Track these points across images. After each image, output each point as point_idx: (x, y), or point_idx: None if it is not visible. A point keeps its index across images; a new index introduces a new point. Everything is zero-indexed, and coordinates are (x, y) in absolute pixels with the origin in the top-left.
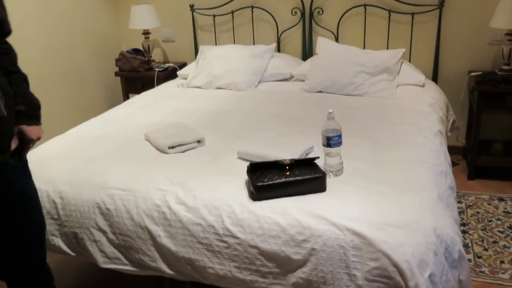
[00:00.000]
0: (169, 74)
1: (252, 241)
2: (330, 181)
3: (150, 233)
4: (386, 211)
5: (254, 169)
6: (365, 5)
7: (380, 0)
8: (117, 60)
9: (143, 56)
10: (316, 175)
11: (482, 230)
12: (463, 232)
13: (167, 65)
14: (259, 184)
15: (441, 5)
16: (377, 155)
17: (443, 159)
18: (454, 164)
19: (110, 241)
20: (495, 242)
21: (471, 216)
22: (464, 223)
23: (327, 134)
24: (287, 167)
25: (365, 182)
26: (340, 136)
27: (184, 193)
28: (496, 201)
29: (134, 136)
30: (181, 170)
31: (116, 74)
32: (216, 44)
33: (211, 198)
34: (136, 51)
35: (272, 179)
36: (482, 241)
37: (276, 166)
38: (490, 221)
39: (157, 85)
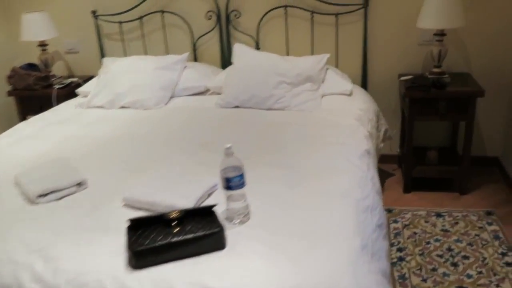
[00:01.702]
0: (73, 90)
1: None
2: (232, 232)
3: None
4: (295, 274)
5: (136, 226)
6: (285, 6)
7: (302, 0)
8: (9, 77)
9: (40, 72)
10: (210, 231)
11: (420, 255)
12: (400, 259)
13: (70, 80)
14: (139, 249)
15: (365, 4)
16: (291, 190)
17: (370, 188)
18: (389, 175)
19: None
20: (434, 269)
21: (408, 238)
22: (401, 247)
23: (226, 175)
24: (175, 222)
25: (273, 233)
26: (242, 176)
27: (44, 265)
28: (434, 218)
29: (2, 178)
30: (46, 229)
31: (10, 93)
32: (126, 55)
33: (76, 270)
34: (31, 66)
35: (155, 239)
36: (420, 269)
37: (162, 220)
38: (428, 243)
39: (58, 104)
